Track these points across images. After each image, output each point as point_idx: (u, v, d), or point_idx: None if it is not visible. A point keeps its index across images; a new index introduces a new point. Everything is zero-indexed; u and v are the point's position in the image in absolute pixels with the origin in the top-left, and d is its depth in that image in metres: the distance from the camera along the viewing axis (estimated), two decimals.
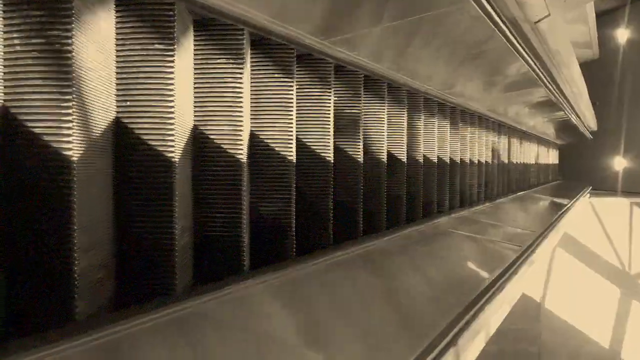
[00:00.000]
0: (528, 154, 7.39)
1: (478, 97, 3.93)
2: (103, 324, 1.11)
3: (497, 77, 3.37)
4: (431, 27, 2.10)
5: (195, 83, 1.65)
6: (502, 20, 2.14)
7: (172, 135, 1.43)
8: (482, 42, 2.44)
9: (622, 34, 9.76)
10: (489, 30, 2.20)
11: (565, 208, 5.28)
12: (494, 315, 1.89)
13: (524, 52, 2.69)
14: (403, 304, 1.74)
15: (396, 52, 2.41)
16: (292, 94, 1.90)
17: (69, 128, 1.15)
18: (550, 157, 10.12)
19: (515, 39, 2.45)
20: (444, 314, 1.63)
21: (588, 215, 8.62)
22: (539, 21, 2.43)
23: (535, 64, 3.07)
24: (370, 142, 2.68)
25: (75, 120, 1.17)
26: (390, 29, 2.07)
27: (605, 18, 9.51)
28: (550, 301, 8.44)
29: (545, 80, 3.58)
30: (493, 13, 2.03)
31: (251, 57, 1.83)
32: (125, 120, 1.41)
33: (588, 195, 8.26)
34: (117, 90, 1.40)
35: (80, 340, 1.03)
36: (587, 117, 7.21)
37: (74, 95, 1.16)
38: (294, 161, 1.93)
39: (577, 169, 10.85)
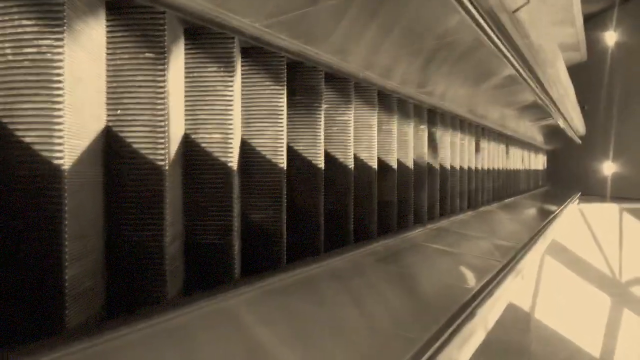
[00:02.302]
0: (514, 159, 7.37)
1: (454, 98, 3.77)
2: (93, 333, 1.11)
3: (478, 76, 3.24)
4: (394, 14, 2.02)
5: (185, 91, 1.66)
6: (474, 7, 2.01)
7: (163, 143, 1.43)
8: (453, 34, 2.32)
9: (610, 37, 9.73)
10: (461, 20, 2.07)
11: (553, 216, 5.26)
12: (470, 338, 1.84)
13: (502, 47, 2.55)
14: (387, 317, 1.72)
15: (385, 59, 2.43)
16: (282, 102, 1.92)
17: (60, 137, 1.16)
18: (538, 162, 10.15)
19: (492, 29, 2.29)
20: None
21: (577, 222, 8.63)
22: (517, 10, 2.28)
23: (516, 61, 2.93)
24: (360, 149, 2.68)
25: (66, 129, 1.17)
26: (375, 36, 2.09)
27: (593, 21, 9.50)
28: (540, 311, 8.41)
29: (527, 79, 3.43)
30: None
31: (242, 65, 1.85)
32: (116, 129, 1.41)
33: (577, 201, 8.27)
34: (108, 98, 1.41)
35: (70, 349, 1.03)
36: (574, 120, 7.17)
37: (65, 104, 1.16)
38: (285, 168, 1.94)
39: (566, 175, 10.85)
